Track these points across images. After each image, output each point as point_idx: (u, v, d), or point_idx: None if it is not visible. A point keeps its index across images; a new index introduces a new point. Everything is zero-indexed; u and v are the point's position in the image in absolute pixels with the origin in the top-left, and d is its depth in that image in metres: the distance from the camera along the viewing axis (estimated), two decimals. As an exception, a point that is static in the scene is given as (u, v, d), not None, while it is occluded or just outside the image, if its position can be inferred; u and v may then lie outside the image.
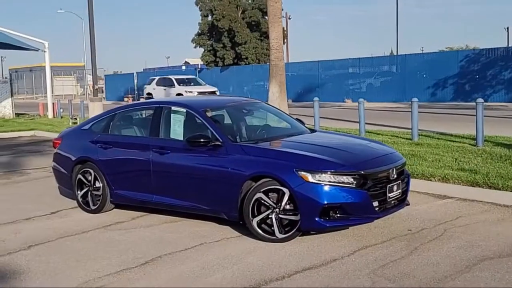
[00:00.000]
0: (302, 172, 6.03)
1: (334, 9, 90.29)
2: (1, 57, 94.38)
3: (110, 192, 7.63)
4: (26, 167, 12.49)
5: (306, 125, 8.11)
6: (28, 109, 32.90)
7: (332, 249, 5.96)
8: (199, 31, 45.86)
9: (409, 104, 18.23)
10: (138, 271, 5.56)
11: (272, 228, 6.19)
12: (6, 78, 28.44)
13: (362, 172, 6.13)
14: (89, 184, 7.84)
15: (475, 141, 10.96)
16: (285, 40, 46.50)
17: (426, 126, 14.76)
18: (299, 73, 39.14)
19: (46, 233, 6.99)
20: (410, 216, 7.11)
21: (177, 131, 7.26)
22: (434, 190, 8.33)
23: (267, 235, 6.23)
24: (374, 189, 6.21)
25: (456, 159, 9.60)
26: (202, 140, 6.69)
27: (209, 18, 45.38)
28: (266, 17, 35.15)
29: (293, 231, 6.14)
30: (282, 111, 8.63)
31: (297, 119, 8.10)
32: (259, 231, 6.26)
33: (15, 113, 27.77)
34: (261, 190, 6.20)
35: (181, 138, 7.15)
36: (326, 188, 5.98)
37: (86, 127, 8.28)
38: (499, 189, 7.74)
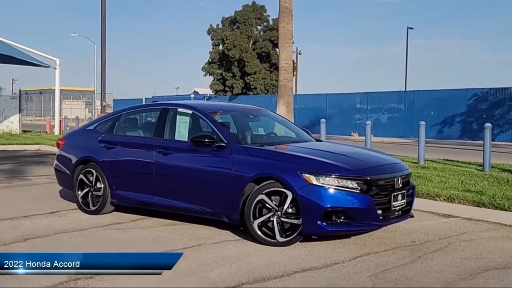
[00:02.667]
0: (306, 175, 5.94)
1: (344, 50, 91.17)
2: (13, 79, 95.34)
3: (110, 193, 7.54)
4: (28, 174, 12.43)
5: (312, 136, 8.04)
6: (35, 128, 32.99)
7: (333, 254, 5.83)
8: (210, 60, 46.25)
9: (415, 140, 18.16)
10: (134, 264, 5.44)
11: (273, 231, 6.08)
12: (15, 94, 28.55)
13: (367, 177, 6.04)
14: (90, 184, 7.76)
15: (482, 167, 10.85)
16: (295, 73, 46.74)
17: (432, 157, 14.66)
18: (307, 105, 39.18)
19: (43, 229, 6.90)
20: (413, 230, 6.98)
21: (182, 132, 7.21)
22: (439, 209, 8.18)
23: (267, 238, 6.11)
24: (379, 196, 6.11)
25: (462, 181, 9.48)
26: (206, 140, 6.63)
27: (220, 47, 45.81)
28: (277, 49, 35.49)
29: (294, 235, 6.02)
30: (288, 120, 8.58)
31: (304, 129, 8.04)
32: (260, 233, 6.14)
33: (22, 130, 27.85)
34: (264, 192, 6.10)
35: (186, 139, 7.09)
36: (330, 191, 5.88)
37: (91, 127, 8.25)
38: (506, 210, 7.60)
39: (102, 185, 7.61)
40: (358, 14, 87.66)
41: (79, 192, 7.85)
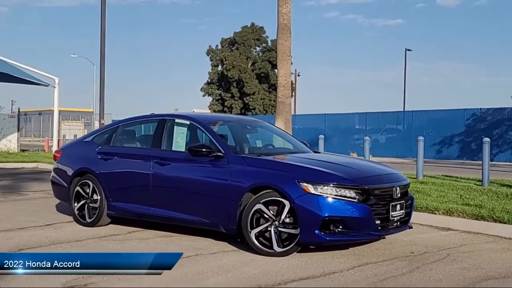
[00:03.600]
0: (304, 184, 5.90)
1: (343, 73, 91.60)
2: (12, 100, 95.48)
3: (107, 205, 7.48)
4: (25, 189, 12.37)
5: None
6: (33, 148, 32.92)
7: (331, 264, 5.76)
8: (209, 80, 46.41)
9: (414, 160, 18.14)
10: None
11: (271, 241, 6.01)
12: (14, 112, 28.54)
13: (365, 187, 6.00)
14: (86, 196, 7.70)
15: (481, 182, 10.81)
16: (293, 93, 46.87)
17: (431, 174, 14.61)
18: (305, 126, 39.19)
19: (38, 240, 6.83)
20: (412, 242, 6.91)
21: (179, 143, 7.18)
22: (438, 222, 8.12)
23: (265, 248, 6.04)
24: (377, 206, 6.06)
25: (461, 196, 9.44)
26: (204, 149, 6.60)
27: (219, 68, 46.00)
28: (275, 70, 35.65)
29: (292, 245, 5.96)
30: (286, 132, 8.56)
31: (302, 141, 8.01)
32: (257, 243, 6.08)
33: (20, 149, 27.80)
34: (261, 202, 6.06)
35: (183, 150, 7.06)
36: (328, 200, 5.84)
37: (88, 139, 8.22)
38: (505, 223, 7.55)
39: (99, 197, 7.55)
40: (356, 39, 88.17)
41: (76, 204, 7.79)
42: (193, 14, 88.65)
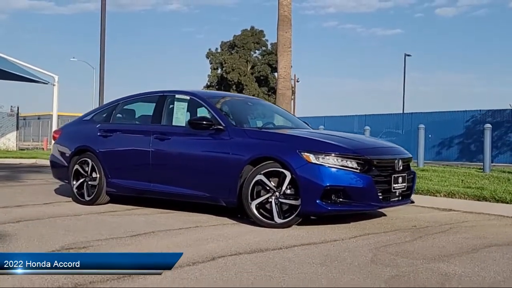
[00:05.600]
0: (305, 153, 5.84)
1: (343, 81, 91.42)
2: (11, 106, 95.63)
3: (106, 182, 7.41)
4: (23, 178, 12.30)
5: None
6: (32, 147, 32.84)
7: (332, 234, 5.69)
8: (208, 83, 46.40)
9: (414, 161, 18.07)
10: (129, 239, 5.32)
11: (271, 213, 5.95)
12: (13, 111, 28.48)
13: (367, 157, 5.95)
14: (85, 174, 7.64)
15: (482, 169, 10.75)
16: (293, 97, 46.86)
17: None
18: (305, 128, 39.10)
19: (37, 214, 6.77)
20: (414, 219, 6.85)
21: (179, 118, 7.12)
22: (439, 204, 8.03)
23: (265, 220, 5.98)
24: (379, 177, 6.01)
25: (462, 180, 9.39)
26: (204, 122, 6.55)
27: (219, 71, 46.02)
28: (275, 73, 35.69)
29: (292, 216, 5.89)
30: (286, 111, 8.51)
31: (303, 121, 7.96)
32: (258, 214, 6.01)
33: (19, 148, 27.72)
34: (262, 172, 5.99)
35: (183, 125, 7.00)
36: (329, 170, 5.78)
37: (88, 118, 8.16)
38: (507, 203, 7.48)
39: (98, 175, 7.48)
40: (355, 48, 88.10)
41: (74, 183, 7.73)
42: (192, 22, 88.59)
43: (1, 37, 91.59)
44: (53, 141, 8.82)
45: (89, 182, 7.58)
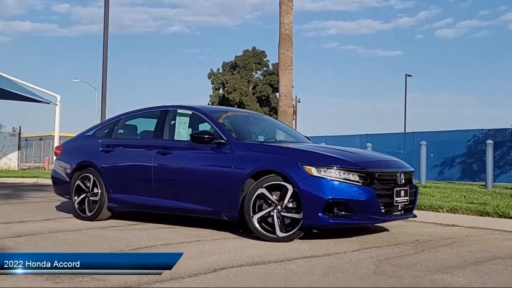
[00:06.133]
0: (307, 166, 5.83)
1: (344, 102, 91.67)
2: (13, 127, 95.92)
3: (108, 197, 7.39)
4: (24, 196, 12.27)
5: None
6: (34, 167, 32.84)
7: (334, 248, 5.66)
8: (210, 103, 46.49)
9: (416, 181, 18.07)
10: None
11: (273, 227, 5.92)
12: (15, 131, 28.51)
13: (369, 170, 5.94)
14: (87, 190, 7.62)
15: (484, 185, 10.72)
16: (294, 117, 46.94)
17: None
18: (307, 148, 39.09)
19: (38, 229, 6.73)
20: (417, 233, 6.81)
21: (181, 133, 7.13)
22: (442, 220, 7.98)
23: (267, 233, 5.95)
24: (381, 190, 5.98)
25: (465, 196, 9.35)
26: (206, 136, 6.55)
27: (221, 91, 46.18)
28: (277, 93, 35.86)
29: (295, 230, 5.86)
30: (288, 126, 8.51)
31: (304, 136, 7.96)
32: (259, 228, 5.98)
33: (20, 168, 27.71)
34: (264, 186, 5.98)
35: (185, 139, 7.00)
36: (331, 183, 5.76)
37: (90, 133, 8.17)
38: (510, 218, 7.43)
39: (99, 190, 7.47)
40: (356, 68, 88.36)
41: (76, 198, 7.70)
42: (194, 44, 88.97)
43: (4, 59, 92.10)
44: (54, 158, 8.81)
45: (91, 198, 7.56)
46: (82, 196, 7.66)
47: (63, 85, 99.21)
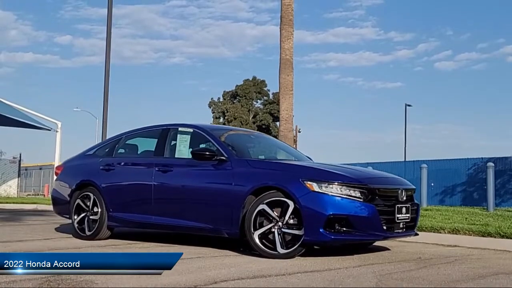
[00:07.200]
0: (308, 182, 5.81)
1: (344, 134, 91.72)
2: (13, 156, 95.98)
3: (108, 216, 7.35)
4: (24, 220, 12.22)
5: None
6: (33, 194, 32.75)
7: (336, 264, 5.61)
8: (210, 132, 46.68)
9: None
10: (129, 268, 5.22)
11: (274, 243, 5.87)
12: (15, 158, 28.51)
13: (370, 186, 5.92)
14: (87, 209, 7.58)
15: (486, 208, 10.68)
16: (295, 146, 47.02)
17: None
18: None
19: (37, 248, 6.70)
20: (419, 252, 6.76)
21: (182, 151, 7.13)
22: (444, 240, 7.92)
23: (268, 250, 5.90)
24: (383, 206, 5.96)
25: (466, 218, 9.31)
26: (207, 153, 6.54)
27: (221, 119, 46.30)
28: (277, 123, 36.04)
29: (295, 246, 5.81)
30: (289, 145, 8.51)
31: (305, 155, 7.95)
32: (260, 245, 5.94)
33: (20, 196, 27.64)
34: (265, 202, 5.95)
35: (186, 157, 7.00)
36: (333, 198, 5.74)
37: (90, 152, 8.16)
38: (513, 239, 7.38)
39: (99, 209, 7.43)
40: (356, 100, 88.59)
41: (75, 217, 7.66)
42: (195, 75, 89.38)
43: (7, 89, 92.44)
44: (55, 177, 8.80)
45: (91, 217, 7.52)
46: (82, 215, 7.61)
47: (64, 115, 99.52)
